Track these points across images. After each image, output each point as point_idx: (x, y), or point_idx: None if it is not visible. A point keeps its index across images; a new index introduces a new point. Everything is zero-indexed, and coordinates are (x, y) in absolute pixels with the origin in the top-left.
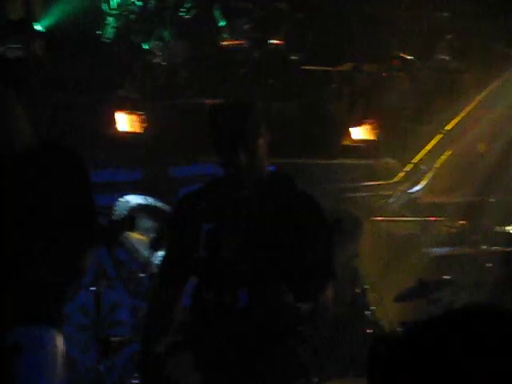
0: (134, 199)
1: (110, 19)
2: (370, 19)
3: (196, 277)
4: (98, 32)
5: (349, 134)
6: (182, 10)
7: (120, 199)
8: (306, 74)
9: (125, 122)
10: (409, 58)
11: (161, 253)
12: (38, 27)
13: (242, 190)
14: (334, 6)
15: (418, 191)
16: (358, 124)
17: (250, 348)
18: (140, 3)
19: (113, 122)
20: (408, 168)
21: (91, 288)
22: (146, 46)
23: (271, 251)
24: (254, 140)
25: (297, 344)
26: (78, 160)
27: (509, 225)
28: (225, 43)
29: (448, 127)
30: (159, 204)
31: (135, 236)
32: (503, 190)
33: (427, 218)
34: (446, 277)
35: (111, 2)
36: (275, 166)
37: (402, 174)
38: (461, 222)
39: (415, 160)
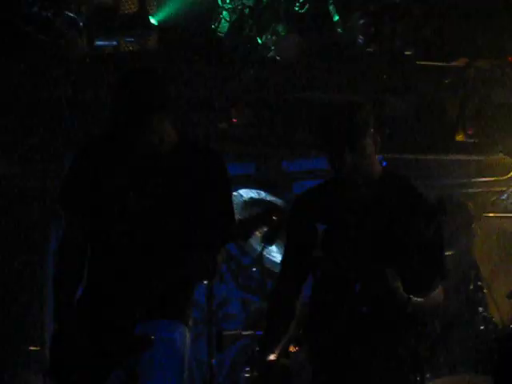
0: (246, 193)
1: (225, 13)
2: (485, 14)
3: (314, 275)
4: (212, 26)
5: (462, 130)
6: (296, 4)
7: (233, 193)
8: (420, 69)
9: (238, 115)
10: None
11: (273, 248)
12: (152, 21)
13: (353, 191)
14: (449, 0)
15: None
16: (471, 119)
17: (366, 342)
18: None
19: (227, 115)
20: None
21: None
22: (260, 41)
23: (385, 250)
24: (360, 140)
25: (411, 338)
26: (219, 161)
27: None
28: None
29: None
30: (272, 198)
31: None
32: None
33: None
34: None
35: None
36: (387, 162)
37: None
38: None
39: None
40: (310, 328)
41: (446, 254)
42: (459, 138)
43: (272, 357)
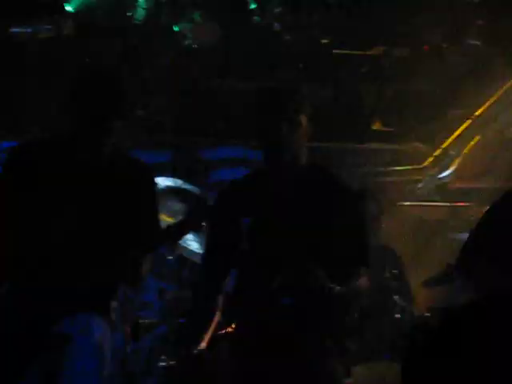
0: (163, 181)
1: (141, 0)
2: (400, 4)
3: (237, 267)
4: (128, 13)
5: (378, 119)
6: None
7: None
8: (336, 58)
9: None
10: (439, 43)
11: (189, 236)
12: (68, 8)
13: (279, 182)
14: None
15: (446, 176)
16: (387, 108)
17: (289, 333)
18: None
19: (143, 103)
20: (437, 153)
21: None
22: (176, 28)
23: (309, 241)
24: (297, 115)
25: (335, 328)
26: (148, 174)
27: None
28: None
29: (477, 112)
30: (188, 186)
31: (163, 218)
32: None
33: (456, 204)
34: None
35: None
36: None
37: (431, 159)
38: None
39: (444, 145)
40: (233, 319)
41: (369, 244)
42: (375, 126)
43: (195, 350)
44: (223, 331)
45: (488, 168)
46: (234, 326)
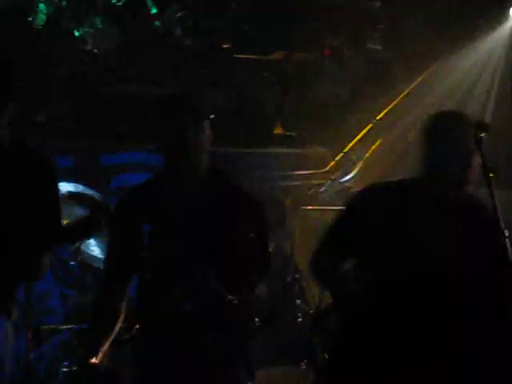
0: (64, 187)
1: (41, 5)
2: (301, 8)
3: (140, 273)
4: (28, 19)
5: (280, 123)
6: None
7: None
8: (238, 62)
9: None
10: (340, 47)
11: (91, 241)
12: None
13: (179, 188)
14: None
15: (348, 180)
16: (289, 113)
17: (191, 338)
18: None
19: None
20: (339, 157)
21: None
22: (77, 33)
23: (209, 248)
24: (199, 120)
25: (237, 333)
26: (47, 165)
27: None
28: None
29: (379, 116)
30: (90, 192)
31: (65, 223)
32: None
33: None
34: None
35: None
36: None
37: (332, 163)
38: None
39: (346, 149)
40: (137, 325)
41: (268, 251)
42: (277, 131)
43: (95, 359)
44: (127, 336)
45: (389, 172)
46: (137, 331)
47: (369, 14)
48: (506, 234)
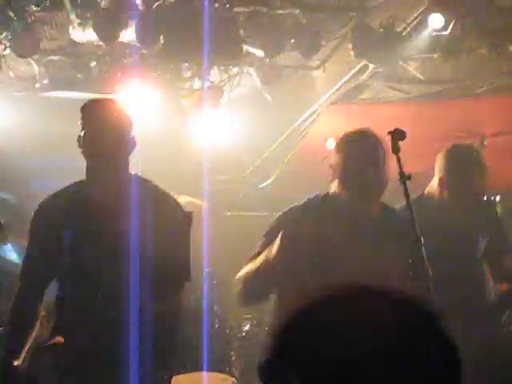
0: None
1: None
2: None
3: (58, 280)
4: None
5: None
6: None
7: None
8: (157, 68)
9: None
10: (258, 54)
11: (8, 246)
12: None
13: (99, 195)
14: (182, 1)
15: (266, 186)
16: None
17: (113, 345)
18: None
19: None
20: (258, 163)
21: None
22: None
23: (130, 255)
24: (118, 140)
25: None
26: None
27: None
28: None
29: (297, 123)
30: (6, 196)
31: None
32: None
33: (276, 213)
34: None
35: None
36: None
37: (251, 169)
38: None
39: (265, 155)
40: (61, 332)
41: (189, 257)
42: None
43: (15, 363)
44: (47, 343)
45: (306, 178)
46: (58, 338)
47: (288, 20)
48: (422, 241)
